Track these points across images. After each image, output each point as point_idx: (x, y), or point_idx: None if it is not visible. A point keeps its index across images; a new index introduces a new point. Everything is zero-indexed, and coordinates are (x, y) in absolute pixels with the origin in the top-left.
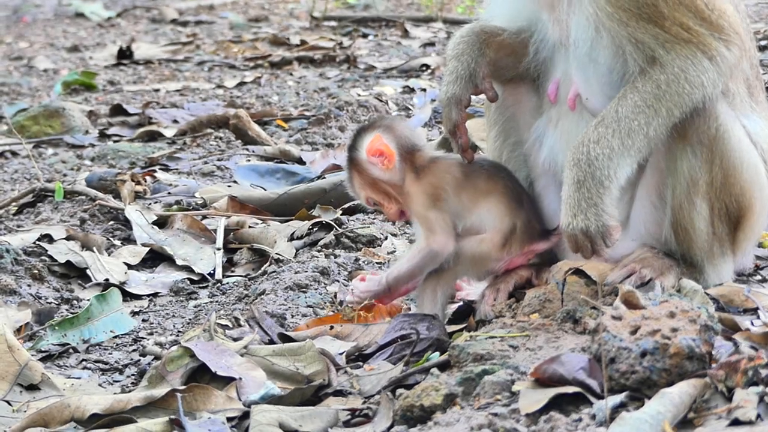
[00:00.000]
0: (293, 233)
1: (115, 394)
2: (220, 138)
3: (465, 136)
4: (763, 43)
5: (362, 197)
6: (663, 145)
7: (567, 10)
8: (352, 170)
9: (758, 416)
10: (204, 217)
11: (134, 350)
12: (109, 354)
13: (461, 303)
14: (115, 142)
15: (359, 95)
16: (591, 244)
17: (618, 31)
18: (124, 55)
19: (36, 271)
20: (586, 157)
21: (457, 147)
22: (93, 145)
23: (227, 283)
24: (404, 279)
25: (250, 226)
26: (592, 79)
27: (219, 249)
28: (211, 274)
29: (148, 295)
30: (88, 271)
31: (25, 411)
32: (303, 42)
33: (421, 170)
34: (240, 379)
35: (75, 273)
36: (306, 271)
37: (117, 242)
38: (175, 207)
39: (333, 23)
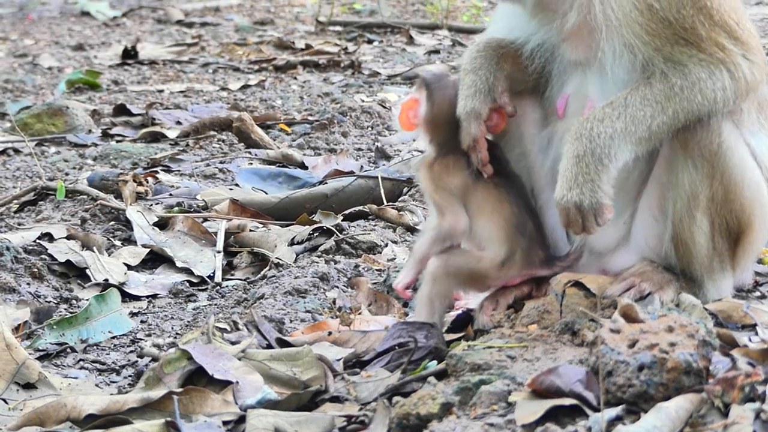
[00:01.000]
0: (294, 238)
1: (111, 395)
2: (223, 141)
3: (484, 151)
4: None
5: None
6: (665, 156)
7: (596, 36)
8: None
9: None
10: (205, 219)
11: (132, 351)
12: (107, 354)
13: (460, 312)
14: (117, 142)
15: (363, 101)
16: (582, 219)
17: (653, 55)
18: (129, 54)
19: (36, 270)
20: (589, 132)
21: (477, 161)
22: (96, 145)
23: (226, 286)
24: (425, 257)
25: (250, 230)
26: (612, 95)
27: (219, 252)
28: (211, 277)
29: (147, 297)
30: (87, 271)
31: (21, 410)
32: (308, 46)
33: (441, 156)
34: (237, 382)
35: (74, 272)
36: (305, 277)
37: (117, 242)
38: (176, 209)
39: (338, 28)
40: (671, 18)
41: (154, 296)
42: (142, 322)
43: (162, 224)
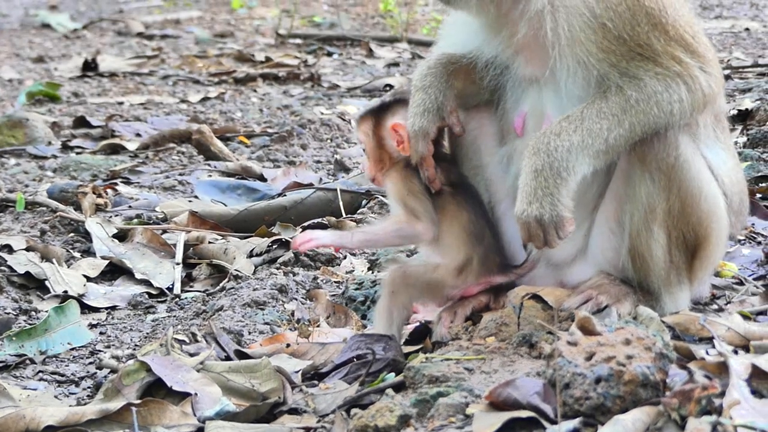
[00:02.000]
0: (252, 250)
1: (70, 406)
2: (183, 153)
3: (431, 169)
4: (726, 72)
5: (361, 140)
6: (622, 169)
7: (548, 52)
8: (372, 119)
9: None
10: (164, 231)
11: (91, 363)
12: (66, 366)
13: (418, 324)
14: (77, 154)
15: (322, 114)
16: (544, 233)
17: (608, 70)
18: (89, 67)
19: None
20: (546, 147)
21: (424, 177)
22: (55, 157)
23: (185, 298)
24: (372, 243)
25: (209, 242)
26: (568, 111)
27: (178, 264)
28: (170, 289)
29: (106, 308)
30: (47, 283)
31: None
32: (268, 59)
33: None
34: (195, 394)
35: (34, 284)
36: (264, 289)
37: (77, 254)
38: (135, 221)
39: (298, 41)
40: (626, 36)
41: (113, 308)
42: (101, 333)
43: (121, 236)
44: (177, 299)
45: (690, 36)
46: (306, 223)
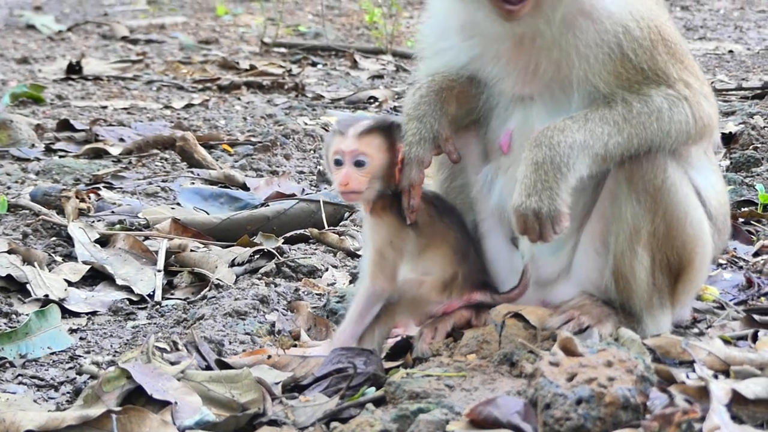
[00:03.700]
0: (234, 259)
1: (49, 411)
2: (166, 159)
3: (418, 198)
4: None
5: (366, 153)
6: (609, 189)
7: (556, 77)
8: (382, 135)
9: None
10: (146, 238)
11: (71, 368)
12: (46, 370)
13: (399, 339)
14: (60, 157)
15: (306, 124)
16: (540, 226)
17: (618, 91)
18: (74, 69)
19: None
20: (549, 141)
21: (407, 205)
22: (39, 159)
23: (166, 305)
24: (362, 314)
25: (191, 250)
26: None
27: (159, 271)
28: (151, 296)
29: (87, 313)
30: (28, 286)
31: None
32: (252, 67)
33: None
34: (175, 403)
35: (15, 287)
36: (246, 299)
37: (58, 258)
38: (117, 226)
39: (283, 50)
40: (645, 66)
41: (94, 313)
42: (81, 338)
43: (103, 241)
44: (158, 306)
45: (692, 62)
46: (288, 234)
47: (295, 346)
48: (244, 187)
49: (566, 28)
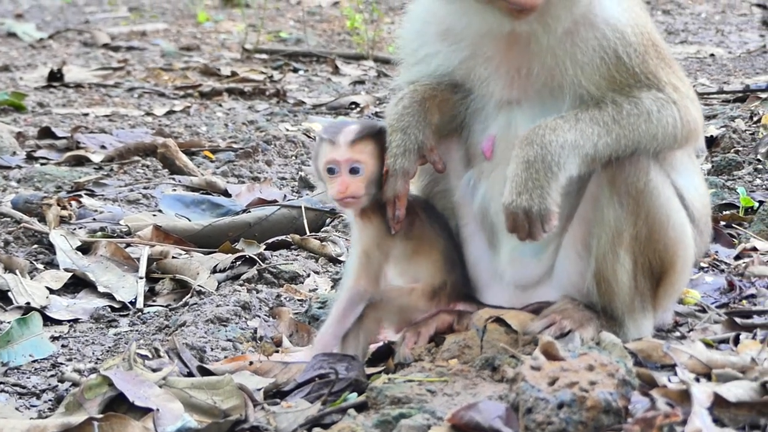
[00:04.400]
0: (216, 266)
1: (32, 419)
2: (147, 166)
3: (403, 209)
4: None
5: (360, 160)
6: (591, 192)
7: (548, 83)
8: (374, 142)
9: None
10: (128, 245)
11: (53, 376)
12: (27, 378)
13: (381, 344)
14: (42, 164)
15: (287, 130)
16: (529, 225)
17: (609, 94)
18: (55, 77)
19: None
20: (540, 139)
21: (392, 215)
22: (20, 167)
23: (148, 312)
24: (344, 314)
25: (173, 257)
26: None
27: (141, 278)
28: (133, 303)
29: (69, 321)
30: (9, 294)
31: None
32: (233, 73)
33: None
34: (157, 410)
35: None
36: (227, 305)
37: (40, 266)
38: (99, 233)
39: (264, 56)
40: (637, 69)
41: (76, 321)
42: (63, 346)
43: (85, 249)
44: (139, 313)
45: (681, 72)
46: (270, 240)
47: (277, 352)
48: (226, 194)
49: (565, 36)
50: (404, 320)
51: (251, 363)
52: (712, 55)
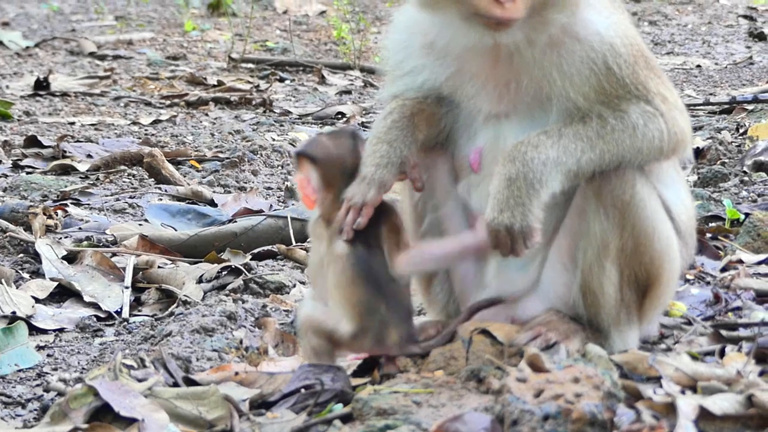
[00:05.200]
0: (202, 276)
1: (17, 429)
2: (133, 175)
3: (366, 219)
4: None
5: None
6: (577, 204)
7: (537, 95)
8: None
9: None
10: (113, 254)
11: (38, 385)
12: (13, 388)
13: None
14: (28, 173)
15: (274, 140)
16: (512, 242)
17: (596, 107)
18: (41, 86)
19: None
20: (522, 156)
21: (351, 223)
22: (6, 176)
23: (134, 322)
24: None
25: (159, 266)
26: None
27: (127, 287)
28: (118, 313)
29: (54, 330)
30: None
31: None
32: (220, 83)
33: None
34: (142, 420)
35: None
36: (213, 315)
37: (26, 275)
38: (85, 243)
39: (250, 65)
40: (627, 80)
41: (61, 330)
42: (48, 356)
43: (71, 258)
44: (125, 323)
45: (669, 82)
46: (256, 250)
47: (264, 359)
48: (212, 203)
49: (550, 48)
50: (337, 347)
51: (237, 373)
52: (698, 66)
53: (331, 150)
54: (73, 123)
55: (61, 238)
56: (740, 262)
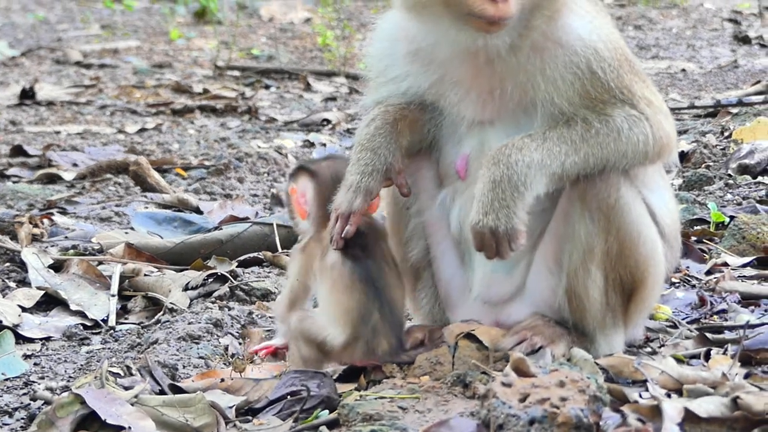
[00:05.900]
0: (188, 283)
1: None
2: (119, 184)
3: (354, 227)
4: None
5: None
6: (563, 208)
7: (521, 101)
8: (312, 182)
9: None
10: (100, 262)
11: (25, 394)
12: (0, 397)
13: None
14: (14, 182)
15: (259, 147)
16: (497, 244)
17: (581, 111)
18: (27, 95)
19: None
20: (507, 159)
21: (341, 232)
22: None
23: (120, 330)
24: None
25: (145, 274)
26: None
27: (113, 296)
28: (105, 321)
29: (41, 339)
30: None
31: None
32: (205, 91)
33: (317, 231)
34: (129, 428)
35: None
36: (199, 322)
37: (12, 284)
38: (71, 251)
39: (236, 73)
40: (612, 84)
41: (48, 339)
42: (35, 364)
43: (57, 266)
44: (112, 331)
45: (653, 86)
46: (242, 257)
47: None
48: (198, 211)
49: (533, 53)
50: (326, 356)
51: (223, 380)
52: (683, 70)
53: (329, 169)
54: (59, 132)
55: (47, 247)
56: (725, 265)
